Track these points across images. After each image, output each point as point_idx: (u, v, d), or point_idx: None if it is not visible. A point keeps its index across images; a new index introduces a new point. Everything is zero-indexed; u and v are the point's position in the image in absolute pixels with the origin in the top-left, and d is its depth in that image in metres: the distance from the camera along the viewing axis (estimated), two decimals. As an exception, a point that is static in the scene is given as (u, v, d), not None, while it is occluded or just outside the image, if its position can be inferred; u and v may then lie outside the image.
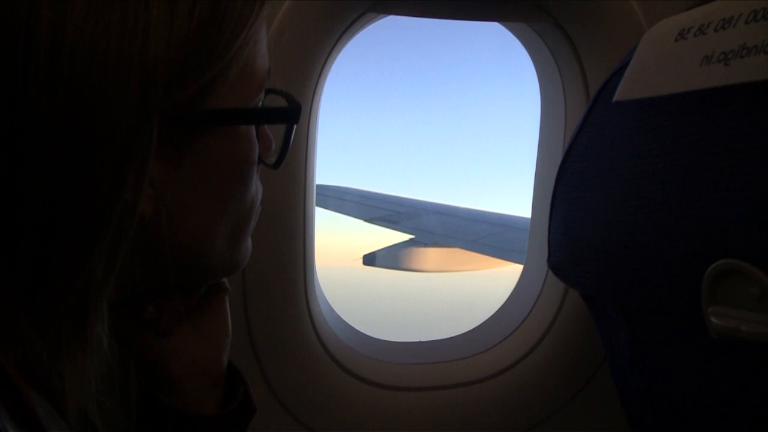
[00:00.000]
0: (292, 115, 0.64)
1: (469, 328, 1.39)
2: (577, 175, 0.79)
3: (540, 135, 1.34)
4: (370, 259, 7.48)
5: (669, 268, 0.66)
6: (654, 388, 0.76)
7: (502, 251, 6.47)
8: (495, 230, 6.97)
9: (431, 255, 7.16)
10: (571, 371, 1.27)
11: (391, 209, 7.97)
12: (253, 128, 0.62)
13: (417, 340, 1.36)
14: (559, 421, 1.27)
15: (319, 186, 1.25)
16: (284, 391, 1.18)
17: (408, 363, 1.27)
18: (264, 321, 1.14)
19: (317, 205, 1.22)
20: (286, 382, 1.18)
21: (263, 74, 0.61)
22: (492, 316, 1.41)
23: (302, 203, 1.12)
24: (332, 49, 1.11)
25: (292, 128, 0.67)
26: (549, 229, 0.86)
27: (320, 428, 1.19)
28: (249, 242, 0.68)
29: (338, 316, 1.33)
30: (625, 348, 0.79)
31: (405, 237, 7.43)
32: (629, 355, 0.79)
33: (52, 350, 0.52)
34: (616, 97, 0.71)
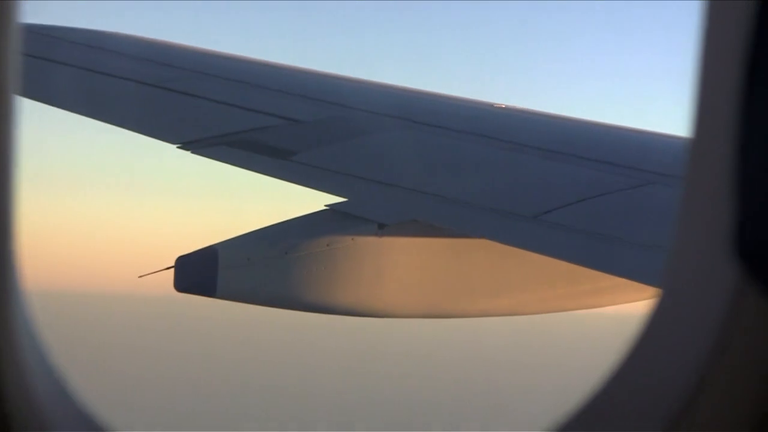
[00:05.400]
0: None
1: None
2: None
3: None
4: (192, 276, 2.91)
5: None
6: None
7: (631, 251, 2.61)
8: (599, 180, 2.99)
9: (397, 261, 3.13)
10: None
11: (269, 112, 3.54)
12: None
13: None
14: None
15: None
16: None
17: None
18: None
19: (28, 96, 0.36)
20: None
21: None
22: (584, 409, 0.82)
23: None
24: None
25: None
26: (740, 162, 0.58)
27: None
28: None
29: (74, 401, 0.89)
30: None
31: (318, 202, 3.24)
32: None
33: None
34: None
